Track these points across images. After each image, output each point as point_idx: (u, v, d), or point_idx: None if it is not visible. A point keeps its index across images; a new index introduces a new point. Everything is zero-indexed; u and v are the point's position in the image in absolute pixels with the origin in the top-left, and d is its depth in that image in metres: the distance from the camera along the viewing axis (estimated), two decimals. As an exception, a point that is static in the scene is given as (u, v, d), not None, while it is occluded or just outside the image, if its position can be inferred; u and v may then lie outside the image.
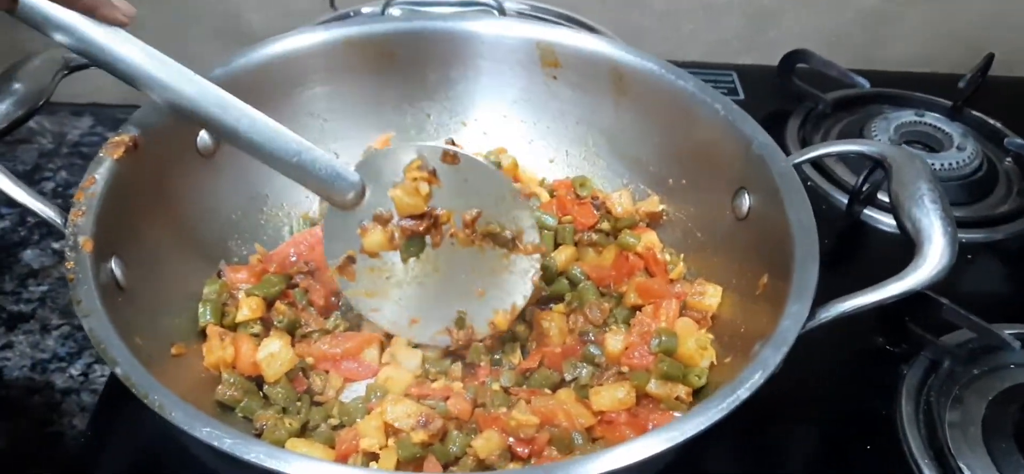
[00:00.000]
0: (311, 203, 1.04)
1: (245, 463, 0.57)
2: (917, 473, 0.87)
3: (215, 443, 0.57)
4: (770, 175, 0.84)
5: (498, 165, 1.03)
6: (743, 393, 0.63)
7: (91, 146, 1.32)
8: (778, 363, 0.66)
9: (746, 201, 0.89)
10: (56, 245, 1.12)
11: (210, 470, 0.71)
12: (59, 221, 0.74)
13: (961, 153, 1.27)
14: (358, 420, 0.79)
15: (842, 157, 1.27)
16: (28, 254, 1.11)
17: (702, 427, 0.61)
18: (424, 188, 0.83)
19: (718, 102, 0.92)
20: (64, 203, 0.75)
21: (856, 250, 1.17)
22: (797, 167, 0.86)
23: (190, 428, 0.58)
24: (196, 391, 0.80)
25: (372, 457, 0.75)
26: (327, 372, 0.87)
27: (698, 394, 0.84)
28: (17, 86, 0.76)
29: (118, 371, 0.61)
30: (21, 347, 0.99)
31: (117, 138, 0.81)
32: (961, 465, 0.86)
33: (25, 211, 0.75)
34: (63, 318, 1.03)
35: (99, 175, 0.77)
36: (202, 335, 0.86)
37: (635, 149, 1.03)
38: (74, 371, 0.97)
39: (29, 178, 1.23)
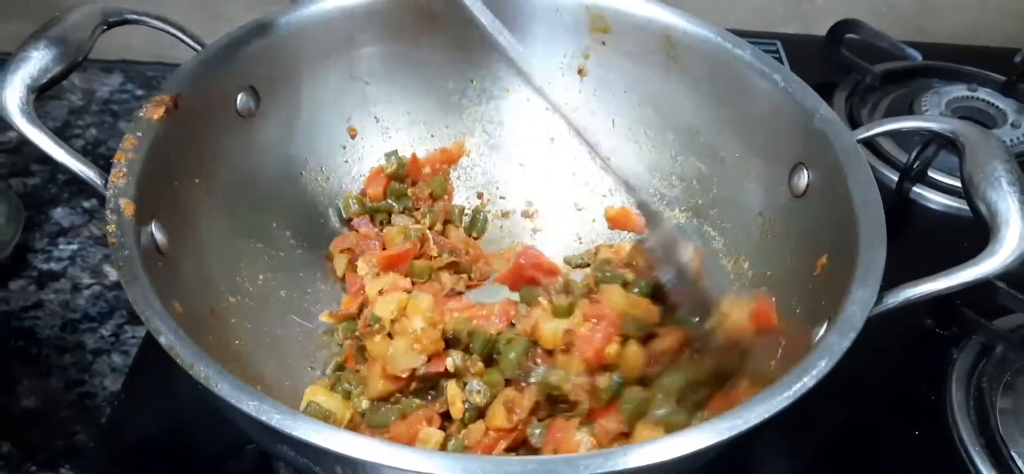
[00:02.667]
0: (351, 167, 1.03)
1: (292, 438, 0.56)
2: (967, 461, 0.86)
3: (263, 418, 0.55)
4: (832, 150, 0.80)
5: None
6: (809, 381, 0.61)
7: (121, 104, 1.30)
8: (845, 350, 0.63)
9: (805, 177, 0.85)
10: (87, 203, 1.11)
11: (245, 435, 0.70)
12: (100, 182, 0.71)
13: (1015, 130, 1.24)
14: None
15: (891, 132, 1.23)
16: (58, 212, 1.10)
17: (766, 416, 0.59)
18: None
19: (777, 72, 0.88)
20: (93, 161, 0.73)
21: (906, 230, 1.14)
22: (853, 143, 0.83)
23: (237, 401, 0.56)
24: (234, 359, 0.78)
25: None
26: None
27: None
28: (56, 41, 0.74)
29: (163, 341, 0.60)
30: (52, 306, 0.98)
31: (158, 97, 0.79)
32: (1014, 454, 0.84)
33: (56, 168, 0.74)
34: (94, 277, 1.02)
35: (139, 135, 0.75)
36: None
37: (686, 119, 0.99)
38: (105, 331, 0.96)
39: (59, 135, 1.18)
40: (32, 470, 0.82)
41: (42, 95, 0.74)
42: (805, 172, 0.86)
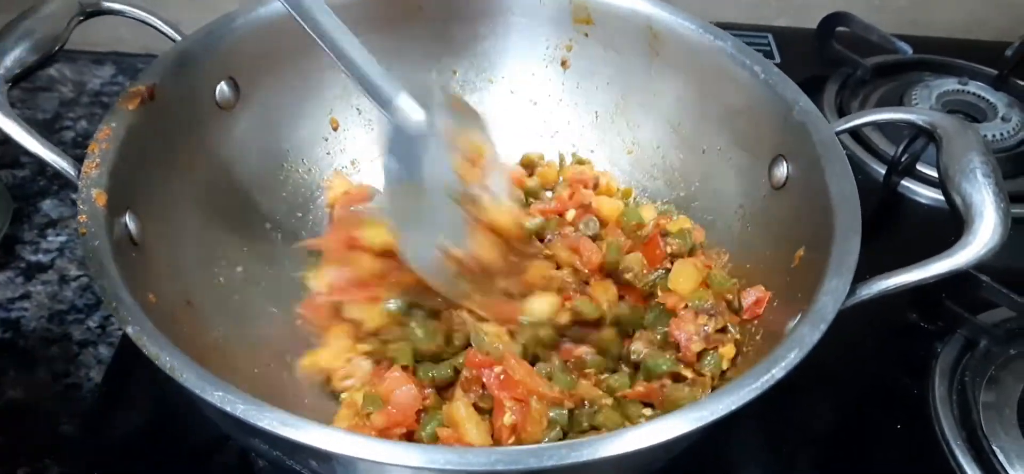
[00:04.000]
0: (333, 159, 1.02)
1: (257, 429, 0.56)
2: (949, 454, 0.85)
3: (227, 408, 0.55)
4: (811, 143, 0.80)
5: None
6: (778, 373, 0.60)
7: (112, 95, 1.30)
8: (815, 342, 0.63)
9: (784, 169, 0.85)
10: (75, 195, 1.11)
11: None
12: (72, 172, 0.72)
13: (1006, 124, 1.23)
14: None
15: (880, 126, 1.23)
16: (47, 204, 1.10)
17: (733, 407, 0.59)
18: None
19: (758, 64, 0.88)
20: (83, 153, 0.74)
21: (893, 223, 1.14)
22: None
23: (202, 391, 0.56)
24: (212, 350, 0.78)
25: None
26: None
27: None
28: (31, 31, 0.74)
29: (129, 330, 0.60)
30: (39, 298, 0.99)
31: (133, 88, 0.79)
32: (995, 447, 0.84)
33: (44, 160, 0.73)
34: (81, 269, 1.02)
35: (114, 126, 0.75)
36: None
37: (668, 112, 0.99)
38: (92, 323, 0.96)
39: (49, 127, 1.22)
40: (17, 461, 0.82)
41: (27, 86, 0.74)
42: (785, 164, 0.85)
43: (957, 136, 0.74)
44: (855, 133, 1.23)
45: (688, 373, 0.80)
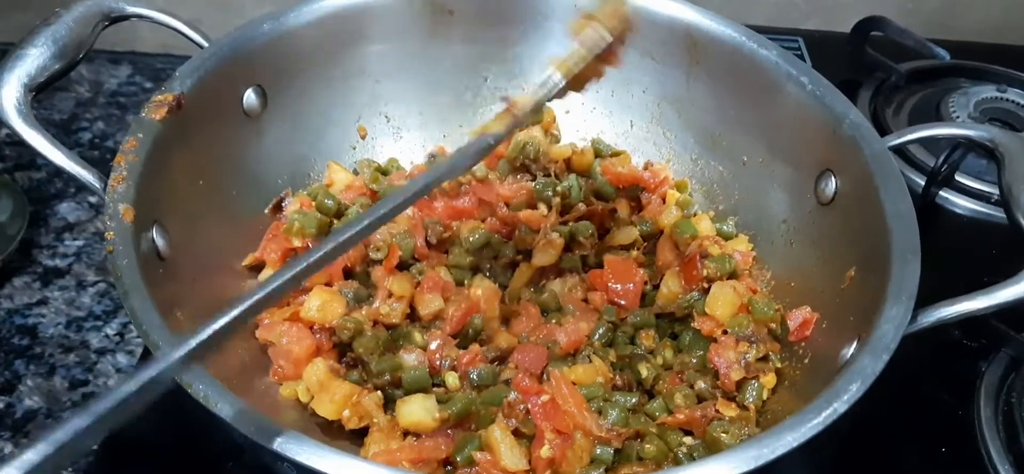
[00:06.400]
0: (356, 154, 1.01)
1: (295, 463, 0.54)
2: (996, 479, 0.82)
3: (264, 442, 0.53)
4: (862, 157, 0.78)
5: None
6: (841, 406, 0.58)
7: (129, 96, 1.28)
8: (878, 372, 0.60)
9: (832, 184, 0.83)
10: (93, 199, 1.09)
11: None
12: (99, 186, 0.69)
13: (1047, 133, 1.20)
14: None
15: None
16: (64, 207, 1.08)
17: (796, 443, 0.56)
18: None
19: (805, 74, 0.86)
20: (100, 155, 0.71)
21: (933, 236, 1.10)
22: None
23: (238, 424, 0.54)
24: (242, 372, 0.76)
25: None
26: None
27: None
28: (56, 38, 0.72)
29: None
30: (56, 304, 0.97)
31: (160, 97, 0.76)
32: (1044, 473, 0.81)
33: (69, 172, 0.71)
34: (99, 275, 1.00)
35: (140, 137, 0.73)
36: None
37: (707, 122, 0.96)
38: (110, 330, 0.94)
39: (65, 128, 1.20)
40: (33, 473, 0.81)
41: (45, 90, 0.72)
42: (833, 179, 0.83)
43: (1020, 153, 0.71)
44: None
45: (730, 410, 0.76)
